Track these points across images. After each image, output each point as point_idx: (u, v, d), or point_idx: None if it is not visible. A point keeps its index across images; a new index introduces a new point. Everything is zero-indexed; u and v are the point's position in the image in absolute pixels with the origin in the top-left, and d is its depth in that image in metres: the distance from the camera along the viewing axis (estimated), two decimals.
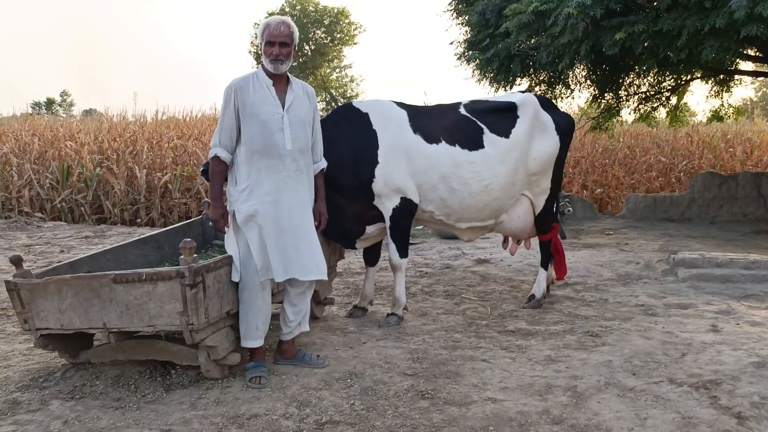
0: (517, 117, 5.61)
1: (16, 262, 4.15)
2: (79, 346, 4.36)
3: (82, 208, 12.70)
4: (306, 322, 4.48)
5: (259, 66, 4.24)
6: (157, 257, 5.15)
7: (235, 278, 4.13)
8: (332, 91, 40.73)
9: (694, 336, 4.95)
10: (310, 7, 40.40)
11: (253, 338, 4.17)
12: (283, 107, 4.14)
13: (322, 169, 4.55)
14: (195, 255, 3.84)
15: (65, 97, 53.20)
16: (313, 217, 4.37)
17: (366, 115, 5.25)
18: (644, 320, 5.42)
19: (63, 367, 4.37)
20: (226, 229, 4.18)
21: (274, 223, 4.09)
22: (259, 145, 4.07)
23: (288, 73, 4.25)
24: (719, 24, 7.11)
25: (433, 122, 5.36)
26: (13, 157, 13.57)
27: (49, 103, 47.95)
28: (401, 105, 5.44)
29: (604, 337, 4.96)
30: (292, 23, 4.17)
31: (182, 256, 3.81)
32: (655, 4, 7.88)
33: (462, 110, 5.55)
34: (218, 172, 4.19)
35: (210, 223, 4.22)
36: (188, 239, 3.86)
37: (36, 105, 42.55)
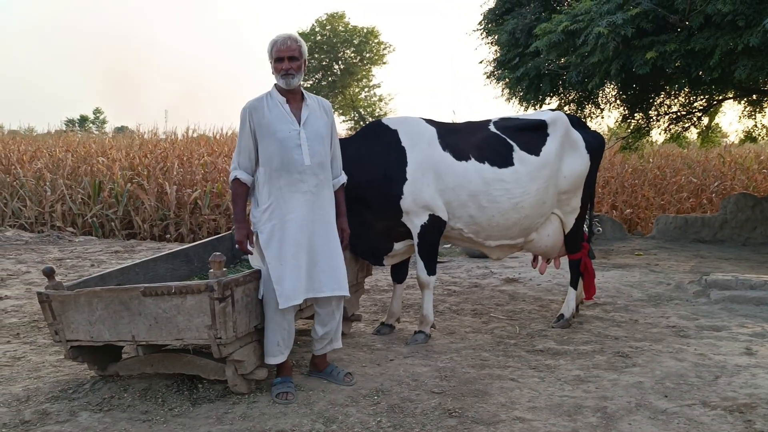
0: (548, 135, 5.58)
1: (49, 273, 4.20)
2: (108, 359, 4.39)
3: (113, 223, 12.86)
4: (338, 340, 4.47)
5: (273, 86, 4.24)
6: (186, 271, 5.19)
7: (259, 295, 4.13)
8: (360, 110, 40.92)
9: (727, 358, 4.85)
10: (340, 27, 40.71)
11: (274, 355, 4.16)
12: (299, 123, 4.14)
13: (342, 184, 4.54)
14: (224, 269, 3.86)
15: (98, 115, 54.14)
16: (336, 233, 4.36)
17: (395, 132, 5.26)
18: (676, 342, 5.32)
19: (92, 379, 4.39)
20: (250, 249, 4.18)
21: (295, 241, 4.08)
22: (278, 162, 4.07)
23: (302, 89, 4.26)
24: (753, 43, 7.02)
25: (463, 139, 5.35)
26: (47, 172, 13.80)
27: (83, 120, 48.83)
28: (430, 122, 5.44)
29: (634, 358, 4.88)
30: (299, 38, 4.18)
31: (211, 270, 3.82)
32: (687, 23, 7.80)
33: (492, 128, 5.53)
34: (240, 193, 4.20)
35: (237, 245, 4.23)
36: (218, 253, 3.87)
37: (70, 122, 43.33)
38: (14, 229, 12.35)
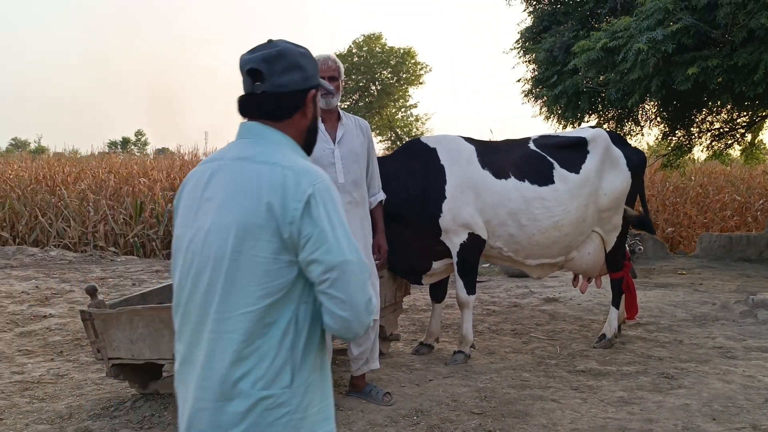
0: (588, 152, 5.52)
1: (92, 292, 4.26)
2: (149, 377, 4.42)
3: (154, 243, 13.02)
4: (375, 360, 4.45)
5: None
6: None
7: None
8: (397, 130, 41.05)
9: None
10: (377, 48, 40.99)
11: None
12: (334, 142, 4.16)
13: (381, 202, 4.52)
14: None
15: (140, 137, 55.07)
16: (372, 251, 4.34)
17: (434, 150, 5.25)
18: (723, 363, 5.19)
19: (133, 397, 4.43)
20: None
21: None
22: None
23: (339, 109, 4.28)
24: None
25: (502, 157, 5.32)
26: (90, 193, 14.04)
27: (125, 142, 49.72)
28: (469, 140, 5.42)
29: (680, 380, 4.77)
30: (337, 58, 4.21)
31: None
32: (729, 37, 7.68)
33: (531, 145, 5.50)
34: None
35: None
36: None
37: (112, 144, 44.17)
38: (58, 249, 12.55)
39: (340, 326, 1.79)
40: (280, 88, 1.93)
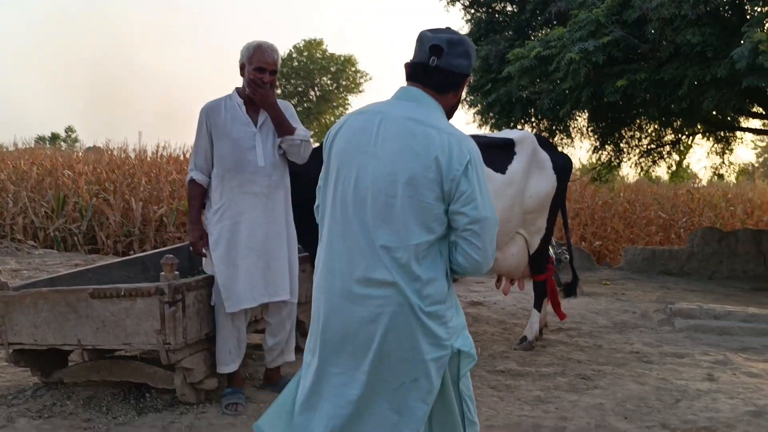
0: (514, 153, 5.54)
1: None
2: (53, 365, 4.21)
3: (75, 238, 12.58)
4: (290, 352, 4.33)
5: (234, 89, 4.14)
6: (142, 280, 5.02)
7: (212, 301, 4.00)
8: None
9: (689, 383, 4.79)
10: (318, 54, 40.93)
11: (226, 363, 4.02)
12: (256, 125, 4.04)
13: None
14: (176, 272, 3.73)
15: (70, 133, 53.42)
16: (292, 236, 4.25)
17: None
18: (639, 366, 5.26)
19: (34, 385, 4.22)
20: (204, 251, 4.08)
21: (246, 243, 3.97)
22: (231, 163, 3.97)
23: None
24: (721, 74, 7.10)
25: None
26: (10, 184, 13.51)
27: (54, 138, 48.17)
28: None
29: (596, 381, 4.80)
30: (277, 49, 4.12)
31: (163, 273, 3.69)
32: (657, 52, 7.88)
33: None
34: (195, 195, 4.10)
35: (191, 247, 4.12)
36: (170, 255, 3.75)
37: (41, 139, 42.74)
38: None
39: (471, 266, 2.35)
40: (451, 68, 2.35)
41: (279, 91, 40.38)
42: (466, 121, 13.60)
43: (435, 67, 2.33)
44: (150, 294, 3.66)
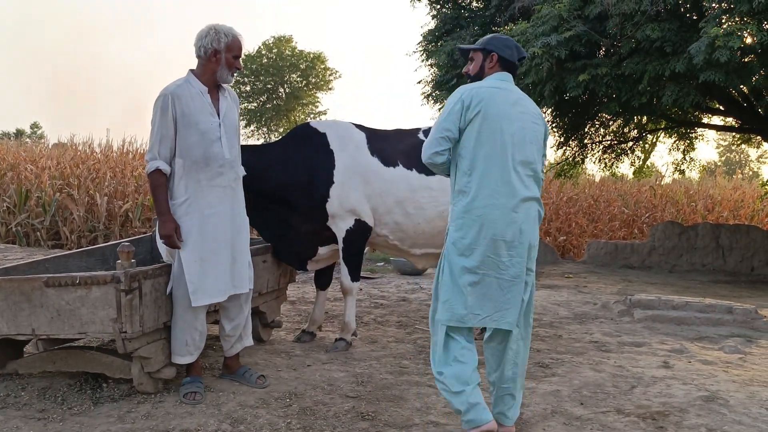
0: None
1: None
2: (8, 356, 4.15)
3: (38, 233, 12.42)
4: (248, 337, 4.33)
5: (188, 72, 4.03)
6: (101, 270, 4.98)
7: (167, 291, 3.96)
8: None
9: (645, 371, 4.88)
10: (287, 51, 40.71)
11: (182, 354, 3.99)
12: (219, 115, 4.00)
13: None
14: (133, 260, 3.71)
15: (35, 129, 52.52)
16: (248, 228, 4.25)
17: (323, 135, 5.20)
18: (597, 355, 5.34)
19: None
20: (179, 243, 3.91)
21: (216, 237, 3.96)
22: (199, 155, 3.90)
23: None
24: (679, 69, 7.22)
25: (391, 146, 5.32)
26: None
27: (18, 133, 47.32)
28: (360, 127, 5.40)
29: (554, 369, 4.87)
30: None
31: (119, 261, 3.67)
32: (618, 47, 8.00)
33: (421, 135, 5.52)
34: (161, 185, 3.91)
35: (161, 240, 3.95)
36: (126, 243, 3.72)
37: (4, 135, 41.97)
38: None
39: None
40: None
41: (248, 88, 40.16)
42: (430, 116, 13.69)
43: (519, 65, 3.68)
44: (106, 282, 3.62)
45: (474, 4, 11.67)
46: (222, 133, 3.99)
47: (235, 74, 4.09)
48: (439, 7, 11.73)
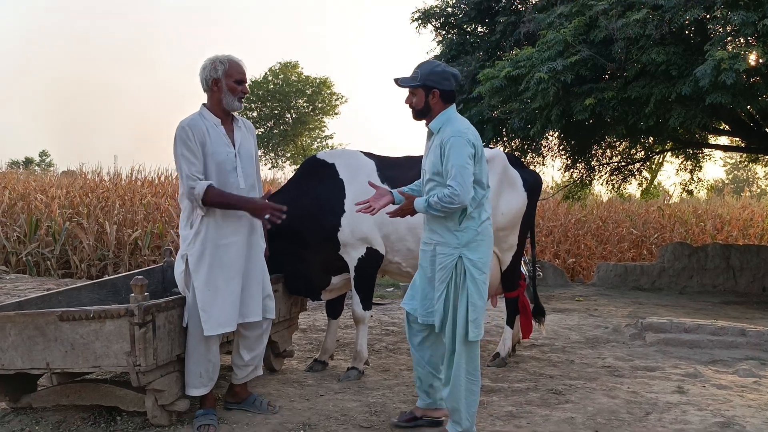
0: None
1: None
2: (22, 389, 4.16)
3: (48, 262, 12.45)
4: (260, 366, 4.35)
5: (201, 106, 4.08)
6: (113, 302, 4.99)
7: (183, 323, 3.97)
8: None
9: (659, 396, 4.85)
10: (293, 77, 40.93)
11: (196, 386, 3.98)
12: (234, 146, 4.05)
13: None
14: (146, 293, 3.72)
15: (44, 157, 52.86)
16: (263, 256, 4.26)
17: (332, 165, 5.24)
18: (610, 380, 5.32)
19: (2, 411, 4.17)
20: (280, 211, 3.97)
21: (230, 266, 3.97)
22: (215, 185, 3.94)
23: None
24: (685, 92, 7.25)
25: (402, 173, 5.33)
26: None
27: (27, 162, 47.63)
28: (369, 155, 5.42)
29: (567, 395, 4.85)
30: None
31: (132, 294, 3.69)
32: (624, 71, 8.04)
33: None
34: (220, 192, 3.91)
35: (266, 216, 3.95)
36: (139, 276, 3.75)
37: (14, 164, 42.23)
38: None
39: None
40: None
41: (255, 114, 40.38)
42: None
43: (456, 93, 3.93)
44: (120, 315, 3.64)
45: (479, 29, 11.76)
46: (238, 163, 4.04)
47: (242, 100, 4.09)
48: (444, 33, 11.83)
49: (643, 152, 12.72)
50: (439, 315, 3.80)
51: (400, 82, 3.93)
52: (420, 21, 12.07)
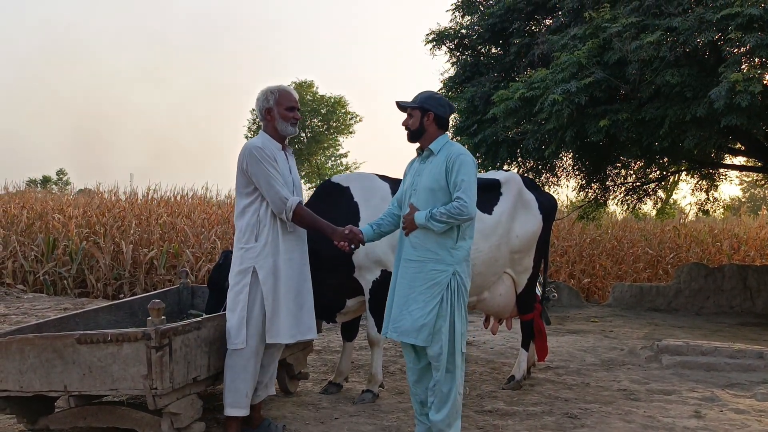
0: (501, 194, 5.63)
1: None
2: (39, 411, 4.19)
3: (65, 281, 12.54)
4: (272, 385, 4.38)
5: (261, 133, 4.30)
6: (130, 324, 5.03)
7: (241, 344, 4.03)
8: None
9: (676, 421, 4.82)
10: (308, 96, 41.17)
11: (241, 406, 4.06)
12: (289, 170, 4.28)
13: (300, 202, 4.34)
14: (163, 317, 3.76)
15: (61, 176, 53.29)
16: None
17: (347, 188, 5.28)
18: (626, 404, 5.28)
19: None
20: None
21: (290, 281, 4.15)
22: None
23: None
24: (700, 113, 7.25)
25: None
26: (0, 228, 13.49)
27: (45, 180, 48.06)
28: (384, 178, 5.45)
29: (583, 419, 4.82)
30: None
31: (149, 318, 3.72)
32: (638, 93, 8.05)
33: None
34: (310, 212, 4.22)
35: (349, 244, 4.23)
36: (156, 300, 3.78)
37: (32, 182, 42.61)
38: None
39: None
40: None
41: None
42: None
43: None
44: (137, 339, 3.67)
45: (493, 51, 11.82)
46: (293, 187, 4.25)
47: (295, 125, 4.31)
48: (458, 54, 11.89)
49: (658, 172, 12.69)
50: (429, 329, 3.87)
51: (400, 104, 4.19)
52: (434, 43, 12.14)
